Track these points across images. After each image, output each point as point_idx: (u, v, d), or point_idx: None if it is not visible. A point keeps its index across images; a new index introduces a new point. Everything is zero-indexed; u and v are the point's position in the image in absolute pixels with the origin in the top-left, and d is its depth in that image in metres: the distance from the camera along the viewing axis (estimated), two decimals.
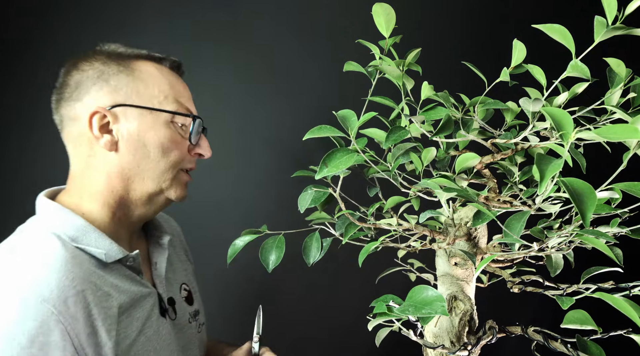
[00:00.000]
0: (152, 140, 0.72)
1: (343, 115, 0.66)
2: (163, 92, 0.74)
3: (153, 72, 0.75)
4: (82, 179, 0.72)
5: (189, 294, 0.85)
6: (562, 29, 0.53)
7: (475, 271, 0.74)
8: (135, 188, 0.73)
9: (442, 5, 1.51)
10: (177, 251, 0.92)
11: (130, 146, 0.71)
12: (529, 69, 0.59)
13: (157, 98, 0.73)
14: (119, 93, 0.71)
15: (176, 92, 0.76)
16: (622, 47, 0.85)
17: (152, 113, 0.72)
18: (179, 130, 0.75)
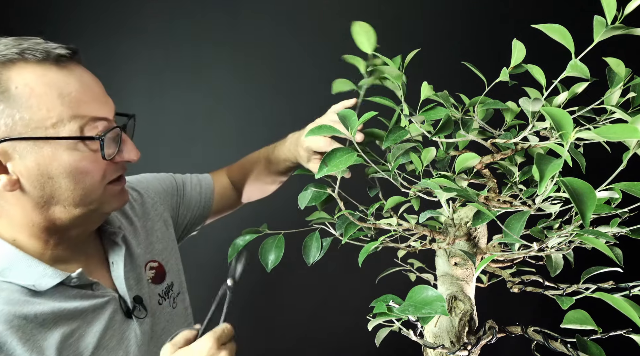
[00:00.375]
0: (58, 171, 0.59)
1: (343, 115, 0.66)
2: (53, 110, 0.57)
3: (33, 84, 0.57)
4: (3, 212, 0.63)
5: (157, 271, 0.79)
6: (562, 29, 0.53)
7: (475, 271, 0.74)
8: (59, 217, 0.63)
9: (442, 5, 1.51)
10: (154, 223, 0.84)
11: (34, 182, 0.59)
12: (528, 69, 0.59)
13: (50, 120, 0.57)
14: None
15: (71, 102, 0.59)
16: (622, 47, 0.85)
17: (49, 141, 0.58)
18: (89, 147, 0.61)
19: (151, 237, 0.83)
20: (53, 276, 0.62)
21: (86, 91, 0.61)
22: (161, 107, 1.44)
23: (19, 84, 0.56)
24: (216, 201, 1.00)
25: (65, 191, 0.61)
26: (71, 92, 0.59)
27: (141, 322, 0.72)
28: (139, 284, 0.75)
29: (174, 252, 0.87)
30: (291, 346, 1.52)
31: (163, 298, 0.78)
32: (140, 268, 0.77)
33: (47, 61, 0.59)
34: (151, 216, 0.85)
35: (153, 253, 0.81)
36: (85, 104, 0.60)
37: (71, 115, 0.59)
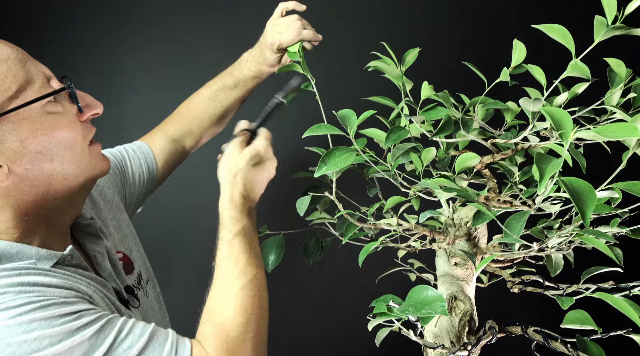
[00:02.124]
0: (43, 143, 0.57)
1: (343, 114, 0.66)
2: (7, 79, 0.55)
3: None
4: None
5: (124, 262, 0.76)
6: (562, 29, 0.53)
7: (475, 271, 0.74)
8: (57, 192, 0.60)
9: (442, 5, 1.51)
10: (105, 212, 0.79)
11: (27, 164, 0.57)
12: (529, 69, 0.59)
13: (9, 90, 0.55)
14: None
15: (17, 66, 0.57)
16: (622, 47, 0.85)
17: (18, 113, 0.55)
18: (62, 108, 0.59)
19: (108, 227, 0.77)
20: (48, 257, 0.59)
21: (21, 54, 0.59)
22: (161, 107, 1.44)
23: None
24: (160, 165, 0.93)
25: (57, 160, 0.59)
26: (9, 56, 0.57)
27: (136, 312, 0.71)
28: (120, 275, 0.72)
29: (132, 237, 0.83)
30: (291, 346, 1.52)
31: (137, 288, 0.76)
32: (115, 259, 0.73)
33: None
34: (100, 206, 0.79)
35: (115, 244, 0.76)
36: (28, 64, 0.58)
37: (25, 78, 0.57)
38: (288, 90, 0.78)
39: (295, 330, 1.52)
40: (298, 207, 0.75)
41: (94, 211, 0.76)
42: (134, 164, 0.89)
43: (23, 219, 0.59)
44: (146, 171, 0.90)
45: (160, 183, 0.96)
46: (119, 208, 0.83)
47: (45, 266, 0.58)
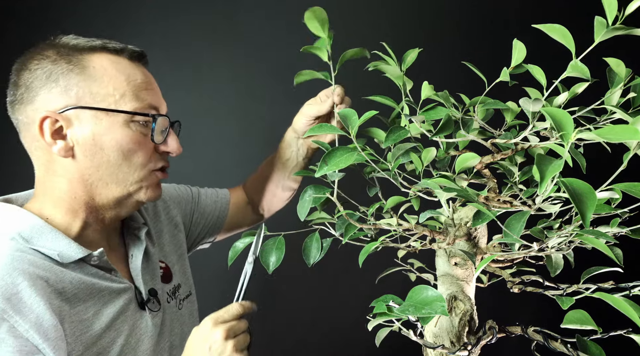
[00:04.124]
0: (110, 143, 0.66)
1: (344, 114, 0.66)
2: (119, 89, 0.67)
3: (107, 66, 0.67)
4: (44, 185, 0.68)
5: (164, 271, 0.82)
6: (562, 29, 0.53)
7: (475, 271, 0.74)
8: (99, 193, 0.69)
9: (441, 5, 1.51)
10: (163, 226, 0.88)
11: (87, 151, 0.66)
12: (529, 69, 0.59)
13: (113, 97, 0.66)
14: (69, 94, 0.65)
15: (135, 87, 0.68)
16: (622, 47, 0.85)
17: (108, 114, 0.66)
18: (140, 129, 0.68)
19: (161, 238, 0.86)
20: (76, 251, 0.66)
21: (148, 83, 0.71)
22: None
23: (96, 65, 0.66)
24: (231, 213, 1.02)
25: (112, 165, 0.67)
26: (136, 79, 0.69)
27: (154, 315, 0.75)
28: (154, 279, 0.78)
29: (182, 256, 0.90)
30: (292, 347, 1.52)
31: (170, 297, 0.81)
32: (155, 264, 0.80)
33: (122, 53, 0.70)
34: (162, 218, 0.89)
35: (162, 254, 0.84)
36: (145, 91, 0.69)
37: (132, 96, 0.67)
38: (255, 250, 0.76)
39: (295, 330, 1.52)
40: (299, 211, 0.74)
41: (153, 220, 0.86)
42: (208, 200, 1.00)
43: (73, 196, 0.68)
44: (217, 210, 1.01)
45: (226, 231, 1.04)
46: (178, 228, 0.92)
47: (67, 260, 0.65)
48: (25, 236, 0.64)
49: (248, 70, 1.46)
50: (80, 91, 0.65)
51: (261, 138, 1.46)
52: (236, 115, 1.48)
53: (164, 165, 0.73)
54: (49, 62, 0.65)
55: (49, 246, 0.64)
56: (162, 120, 0.71)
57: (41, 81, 0.65)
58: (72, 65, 0.65)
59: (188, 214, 0.96)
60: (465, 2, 1.50)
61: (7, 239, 0.63)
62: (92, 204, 0.69)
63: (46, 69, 0.65)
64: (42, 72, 0.65)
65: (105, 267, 0.70)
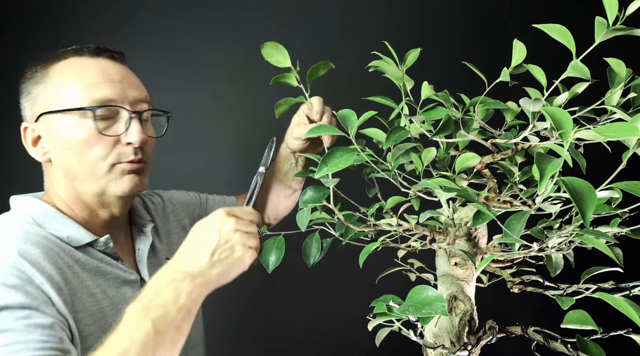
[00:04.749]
0: (70, 142, 0.70)
1: (343, 115, 0.66)
2: (70, 89, 0.70)
3: (66, 70, 0.71)
4: (48, 185, 0.76)
5: None
6: (563, 29, 0.53)
7: (475, 271, 0.74)
8: (83, 192, 0.73)
9: (441, 5, 1.51)
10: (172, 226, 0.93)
11: (59, 153, 0.72)
12: (529, 69, 0.59)
13: (68, 97, 0.70)
14: (37, 103, 0.72)
15: (86, 83, 0.70)
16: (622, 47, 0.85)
17: (64, 115, 0.70)
18: (95, 125, 0.70)
19: (169, 238, 0.91)
20: (84, 235, 0.72)
21: (104, 76, 0.72)
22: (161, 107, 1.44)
23: (56, 71, 0.71)
24: None
25: (79, 163, 0.71)
26: (89, 76, 0.71)
27: None
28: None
29: None
30: (292, 347, 1.52)
31: None
32: (161, 260, 0.85)
33: (83, 53, 0.73)
34: (170, 220, 0.94)
35: (170, 253, 0.88)
36: (99, 86, 0.71)
37: (84, 93, 0.70)
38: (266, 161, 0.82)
39: (295, 330, 1.52)
40: (299, 221, 0.73)
41: (162, 221, 0.92)
42: (216, 206, 1.05)
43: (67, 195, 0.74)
44: None
45: None
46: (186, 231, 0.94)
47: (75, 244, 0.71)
48: (39, 220, 0.70)
49: (248, 70, 1.46)
50: (44, 98, 0.71)
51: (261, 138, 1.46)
52: (236, 115, 1.47)
53: (132, 158, 0.73)
54: (26, 80, 0.73)
55: (60, 229, 0.70)
56: (119, 112, 0.72)
57: (24, 96, 0.74)
58: (40, 75, 0.72)
59: (196, 218, 0.99)
60: (465, 2, 1.50)
61: (23, 221, 0.70)
62: (82, 201, 0.74)
63: (25, 86, 0.74)
64: (24, 87, 0.74)
65: (112, 255, 0.74)
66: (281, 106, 0.83)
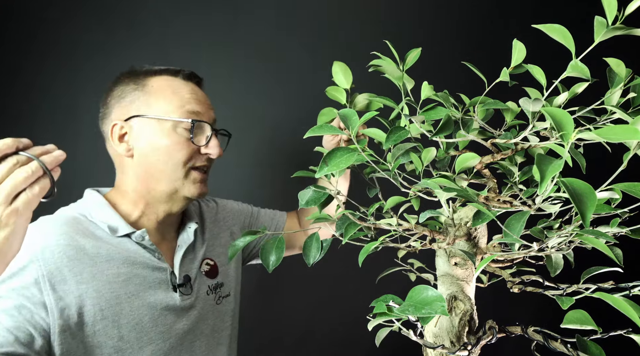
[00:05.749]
0: (159, 145, 0.82)
1: (344, 114, 0.66)
2: (170, 102, 0.83)
3: (162, 84, 0.84)
4: (119, 181, 0.87)
5: (211, 268, 0.95)
6: (562, 29, 0.53)
7: (475, 271, 0.74)
8: (154, 188, 0.84)
9: (441, 5, 1.51)
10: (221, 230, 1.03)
11: (142, 152, 0.83)
12: (529, 69, 0.59)
13: (164, 108, 0.83)
14: (132, 107, 0.83)
15: (182, 99, 0.84)
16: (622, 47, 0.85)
17: (159, 122, 0.82)
18: (185, 134, 0.83)
19: (215, 240, 1.00)
20: (123, 226, 0.81)
21: (194, 96, 0.86)
22: None
23: (154, 84, 0.85)
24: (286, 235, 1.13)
25: (161, 163, 0.82)
26: (184, 94, 0.85)
27: (184, 298, 0.86)
28: (194, 270, 0.91)
29: (233, 261, 1.02)
30: (292, 346, 1.52)
31: (211, 291, 0.93)
32: (197, 259, 0.93)
33: (177, 74, 0.88)
34: (220, 224, 1.05)
35: (212, 253, 0.97)
36: (191, 103, 0.85)
37: (179, 107, 0.83)
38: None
39: (295, 330, 1.52)
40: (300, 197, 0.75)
41: (213, 223, 1.03)
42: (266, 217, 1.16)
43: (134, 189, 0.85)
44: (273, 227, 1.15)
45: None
46: (234, 236, 1.06)
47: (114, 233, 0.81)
48: (89, 211, 0.82)
49: (248, 70, 1.46)
50: (140, 104, 0.83)
51: (261, 138, 1.46)
52: (236, 115, 1.47)
53: (204, 165, 0.86)
54: (123, 85, 0.85)
55: (102, 219, 0.81)
56: (205, 127, 0.86)
57: (116, 99, 0.85)
58: (137, 85, 0.84)
59: (246, 227, 1.11)
60: (465, 2, 1.50)
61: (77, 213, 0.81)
62: (148, 197, 0.85)
63: (120, 90, 0.85)
64: (118, 92, 0.85)
65: (148, 248, 0.83)
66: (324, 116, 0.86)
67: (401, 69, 0.70)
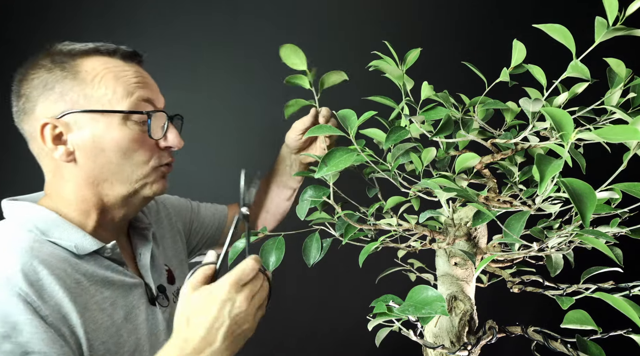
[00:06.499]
0: (110, 144, 0.67)
1: (343, 114, 0.66)
2: (111, 89, 0.67)
3: (99, 69, 0.67)
4: (55, 189, 0.70)
5: (168, 274, 0.84)
6: (563, 29, 0.53)
7: (475, 271, 0.74)
8: (107, 194, 0.70)
9: (441, 5, 1.51)
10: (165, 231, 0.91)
11: (88, 154, 0.67)
12: (529, 69, 0.59)
13: (107, 97, 0.67)
14: (65, 100, 0.66)
15: (127, 85, 0.68)
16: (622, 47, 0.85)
17: (104, 115, 0.67)
18: (138, 127, 0.69)
19: (163, 242, 0.89)
20: (91, 243, 0.68)
21: (141, 80, 0.71)
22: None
23: (88, 69, 0.67)
24: (228, 228, 1.06)
25: (115, 165, 0.68)
26: (128, 78, 0.69)
27: (163, 310, 0.77)
28: (161, 277, 0.81)
29: (181, 262, 0.92)
30: (292, 347, 1.52)
31: (175, 298, 0.83)
32: (159, 264, 0.83)
33: (115, 54, 0.70)
34: (164, 224, 0.91)
35: (165, 257, 0.87)
36: (138, 88, 0.69)
37: (125, 95, 0.68)
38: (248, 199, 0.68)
39: (295, 330, 1.52)
40: (298, 212, 0.75)
41: (156, 224, 0.89)
42: (207, 212, 1.04)
43: (82, 199, 0.69)
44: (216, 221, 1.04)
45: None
46: (180, 235, 0.95)
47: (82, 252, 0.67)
48: (42, 228, 0.66)
49: (248, 70, 1.46)
50: (74, 95, 0.66)
51: (261, 138, 1.46)
52: (236, 115, 1.47)
53: (168, 160, 0.74)
54: (44, 71, 0.67)
55: (66, 237, 0.66)
56: (159, 115, 0.71)
57: (39, 90, 0.67)
58: (66, 71, 0.67)
59: (187, 223, 0.99)
60: (465, 2, 1.50)
61: (25, 230, 0.65)
62: (101, 205, 0.71)
63: (42, 78, 0.67)
64: (39, 81, 0.67)
65: (118, 260, 0.72)
66: (290, 107, 0.83)
67: (401, 69, 0.70)
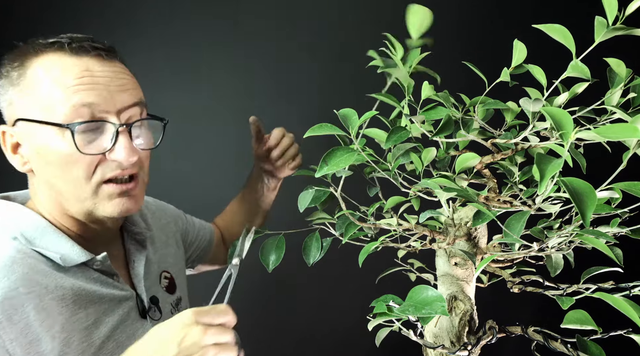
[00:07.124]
0: (51, 158, 0.59)
1: (344, 114, 0.66)
2: (49, 95, 0.58)
3: (41, 72, 0.59)
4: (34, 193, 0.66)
5: (169, 282, 0.80)
6: (563, 29, 0.53)
7: (475, 271, 0.74)
8: (67, 210, 0.64)
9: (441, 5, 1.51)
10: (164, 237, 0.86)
11: (37, 166, 0.61)
12: (529, 69, 0.59)
13: (44, 104, 0.58)
14: (14, 107, 0.60)
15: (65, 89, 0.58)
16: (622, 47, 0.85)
17: (42, 126, 0.58)
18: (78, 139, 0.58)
19: (165, 249, 0.84)
20: (79, 254, 0.62)
21: (87, 79, 0.59)
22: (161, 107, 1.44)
23: (32, 72, 0.59)
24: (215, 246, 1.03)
25: (61, 180, 0.61)
26: (69, 79, 0.58)
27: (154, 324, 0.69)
28: (155, 287, 0.76)
29: (181, 271, 0.88)
30: (292, 347, 1.52)
31: (174, 309, 0.79)
32: (155, 273, 0.78)
33: (64, 48, 0.60)
34: (166, 231, 0.87)
35: (167, 264, 0.82)
36: (79, 90, 0.58)
37: (63, 101, 0.58)
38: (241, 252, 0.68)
39: (295, 330, 1.52)
40: (299, 202, 0.75)
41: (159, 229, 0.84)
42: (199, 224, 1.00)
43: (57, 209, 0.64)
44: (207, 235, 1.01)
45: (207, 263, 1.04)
46: (178, 244, 0.90)
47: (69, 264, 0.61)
48: (28, 236, 0.61)
49: (248, 70, 1.46)
50: (21, 102, 0.60)
51: None
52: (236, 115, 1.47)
53: (117, 174, 0.62)
54: (2, 76, 0.62)
55: (52, 248, 0.61)
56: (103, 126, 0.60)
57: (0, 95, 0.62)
58: (16, 75, 0.60)
59: (184, 234, 0.95)
60: (465, 2, 1.50)
61: (9, 238, 0.60)
62: (71, 217, 0.65)
63: (1, 84, 0.62)
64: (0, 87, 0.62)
65: (108, 272, 0.66)
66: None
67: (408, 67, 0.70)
